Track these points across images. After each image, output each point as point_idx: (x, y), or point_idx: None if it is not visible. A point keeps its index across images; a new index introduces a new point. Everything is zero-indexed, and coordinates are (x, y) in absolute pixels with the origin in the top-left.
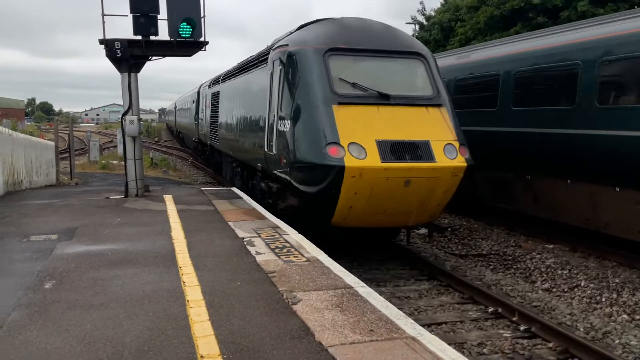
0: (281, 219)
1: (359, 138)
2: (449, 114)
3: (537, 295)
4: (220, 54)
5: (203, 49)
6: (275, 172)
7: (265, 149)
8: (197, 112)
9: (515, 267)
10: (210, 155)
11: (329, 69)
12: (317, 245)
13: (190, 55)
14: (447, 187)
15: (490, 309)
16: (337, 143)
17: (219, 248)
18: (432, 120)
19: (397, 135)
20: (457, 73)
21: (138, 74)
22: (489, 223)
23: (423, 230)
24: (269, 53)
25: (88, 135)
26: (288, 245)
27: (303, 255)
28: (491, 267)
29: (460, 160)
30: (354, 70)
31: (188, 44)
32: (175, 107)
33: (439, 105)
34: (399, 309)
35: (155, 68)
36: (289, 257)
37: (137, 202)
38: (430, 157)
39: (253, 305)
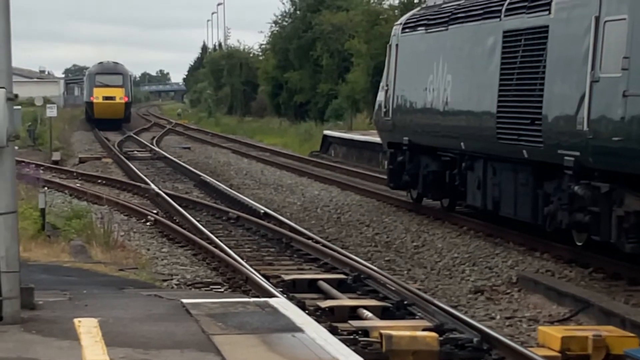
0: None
1: (99, 95)
2: (125, 88)
3: None
4: None
5: None
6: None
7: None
8: None
9: None
10: None
11: (95, 78)
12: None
13: None
14: (121, 107)
15: None
16: (95, 96)
17: None
18: (118, 91)
19: (106, 95)
20: None
21: None
22: None
23: None
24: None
25: None
26: None
27: None
28: None
29: (122, 100)
30: (103, 79)
31: None
32: None
33: (121, 87)
34: None
35: None
36: None
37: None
38: (114, 99)
39: None
